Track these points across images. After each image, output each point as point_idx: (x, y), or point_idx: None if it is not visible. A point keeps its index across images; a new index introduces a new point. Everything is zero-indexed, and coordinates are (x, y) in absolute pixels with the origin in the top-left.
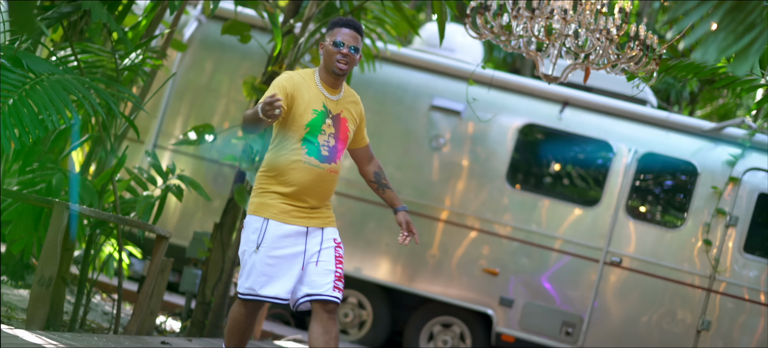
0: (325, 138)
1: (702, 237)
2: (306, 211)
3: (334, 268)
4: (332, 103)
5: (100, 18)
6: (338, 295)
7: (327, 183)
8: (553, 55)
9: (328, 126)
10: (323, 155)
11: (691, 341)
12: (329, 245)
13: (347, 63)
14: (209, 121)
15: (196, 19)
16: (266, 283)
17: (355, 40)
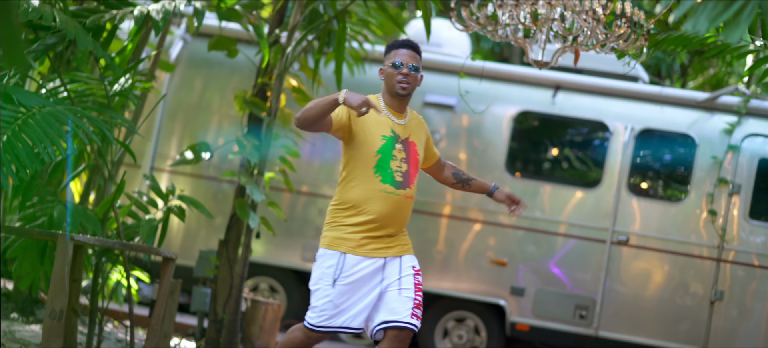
0: (398, 164)
1: (706, 208)
2: (384, 241)
3: (413, 296)
4: (400, 127)
5: (86, 46)
6: (416, 323)
7: (404, 209)
8: (541, 40)
9: (398, 151)
10: (397, 181)
11: (705, 313)
12: (408, 273)
13: (409, 83)
14: (204, 139)
15: (181, 38)
16: (340, 314)
17: (413, 59)
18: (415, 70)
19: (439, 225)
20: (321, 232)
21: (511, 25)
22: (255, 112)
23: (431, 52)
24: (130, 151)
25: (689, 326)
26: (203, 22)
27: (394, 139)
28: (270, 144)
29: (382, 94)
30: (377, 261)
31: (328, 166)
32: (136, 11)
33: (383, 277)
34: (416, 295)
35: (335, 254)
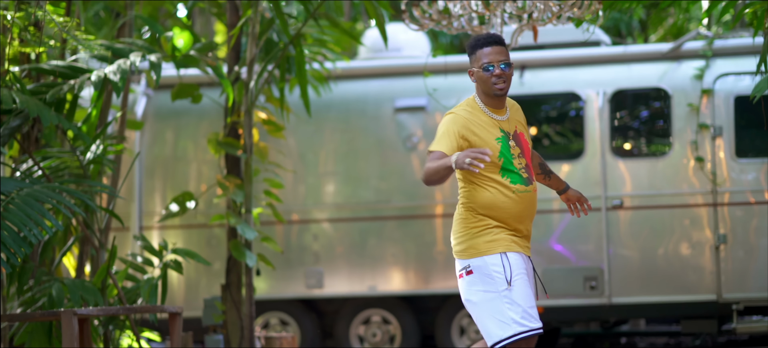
0: (518, 160)
1: (693, 156)
2: (523, 240)
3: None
4: (505, 123)
5: (51, 121)
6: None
7: (534, 204)
8: (497, 24)
9: (513, 147)
10: (524, 178)
11: (712, 259)
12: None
13: (505, 81)
14: (186, 189)
15: (143, 94)
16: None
17: (501, 54)
18: (507, 66)
19: (435, 226)
20: (319, 257)
21: (464, 15)
22: (231, 152)
23: (392, 57)
24: (116, 215)
25: (698, 276)
26: (162, 73)
27: (506, 137)
28: (252, 180)
29: (476, 94)
30: (526, 257)
31: (314, 190)
32: (94, 77)
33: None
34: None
35: (496, 257)
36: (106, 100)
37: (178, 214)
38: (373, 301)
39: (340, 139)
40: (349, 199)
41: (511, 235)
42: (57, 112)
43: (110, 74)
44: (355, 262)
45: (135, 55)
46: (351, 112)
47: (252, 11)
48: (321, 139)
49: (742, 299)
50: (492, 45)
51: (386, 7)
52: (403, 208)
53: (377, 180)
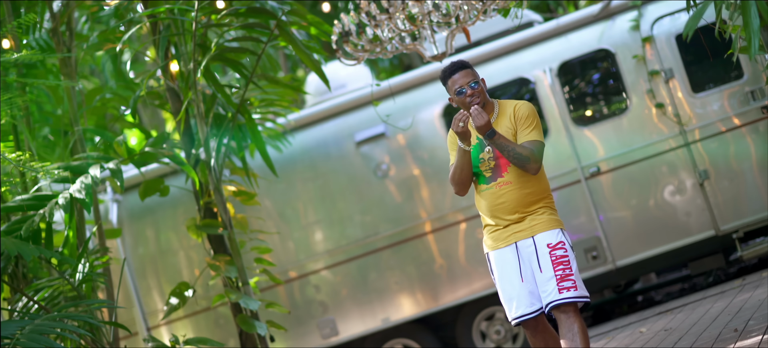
0: (486, 164)
1: (652, 104)
2: (509, 230)
3: (553, 274)
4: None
5: (33, 254)
6: (566, 296)
7: (504, 196)
8: (429, 36)
9: (486, 153)
10: (487, 177)
11: (701, 196)
12: (543, 252)
13: (479, 98)
14: (180, 279)
15: (113, 201)
16: (519, 302)
17: (469, 75)
18: (475, 83)
19: (428, 243)
20: (327, 306)
21: (394, 37)
22: (212, 232)
23: (338, 96)
24: (121, 325)
25: (692, 216)
26: (124, 175)
27: (480, 146)
28: (240, 253)
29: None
30: (509, 248)
31: (303, 243)
32: (61, 200)
33: (519, 262)
34: (556, 270)
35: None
36: (79, 219)
37: (180, 305)
38: (390, 333)
39: (313, 187)
40: (339, 242)
41: (494, 231)
42: (35, 244)
43: (76, 193)
44: (363, 300)
45: (94, 168)
46: (315, 158)
47: (192, 93)
48: (294, 192)
49: (739, 226)
50: (458, 71)
51: (319, 50)
52: (393, 235)
53: (360, 215)
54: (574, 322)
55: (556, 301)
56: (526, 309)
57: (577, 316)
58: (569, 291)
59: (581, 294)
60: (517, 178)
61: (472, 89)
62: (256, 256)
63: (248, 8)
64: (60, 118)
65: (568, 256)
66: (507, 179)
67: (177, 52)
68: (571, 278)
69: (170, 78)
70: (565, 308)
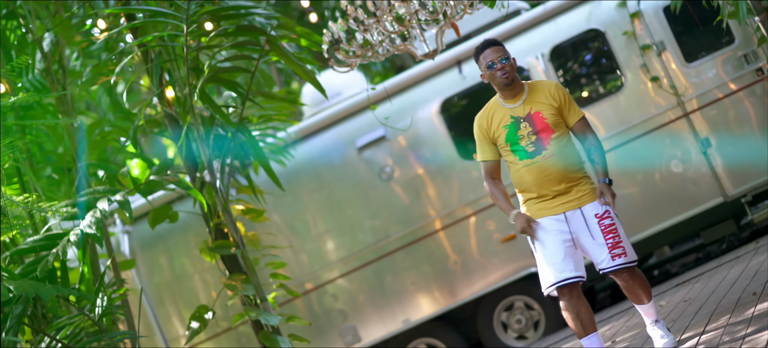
0: (526, 139)
1: (647, 79)
2: (556, 201)
3: (603, 241)
4: (519, 109)
5: (50, 294)
6: (618, 262)
7: (549, 168)
8: (418, 35)
9: (524, 128)
10: (529, 152)
11: (706, 164)
12: (592, 222)
13: (508, 72)
14: (198, 302)
15: (123, 232)
16: (561, 268)
17: (500, 51)
18: (505, 60)
19: (439, 240)
20: (346, 313)
21: (384, 39)
22: (225, 253)
23: (335, 104)
24: None
25: (699, 185)
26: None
27: (516, 123)
28: (254, 270)
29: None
30: (557, 217)
31: (316, 254)
32: (72, 237)
33: (570, 230)
34: (607, 238)
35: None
36: (92, 254)
37: (201, 328)
38: (412, 333)
39: (320, 197)
40: (351, 249)
41: (539, 203)
42: (51, 284)
43: (86, 229)
44: (381, 304)
45: (101, 202)
46: (319, 168)
47: (190, 117)
48: (302, 204)
49: (747, 190)
50: (489, 47)
51: (311, 61)
52: (404, 236)
53: (370, 220)
54: (633, 282)
55: (611, 267)
56: (568, 274)
57: (633, 275)
58: (621, 257)
59: (631, 258)
60: (560, 150)
61: (502, 64)
62: (271, 272)
63: (237, 27)
64: (62, 156)
65: (615, 224)
66: (551, 152)
67: (171, 78)
68: (620, 246)
69: (167, 104)
70: (619, 272)
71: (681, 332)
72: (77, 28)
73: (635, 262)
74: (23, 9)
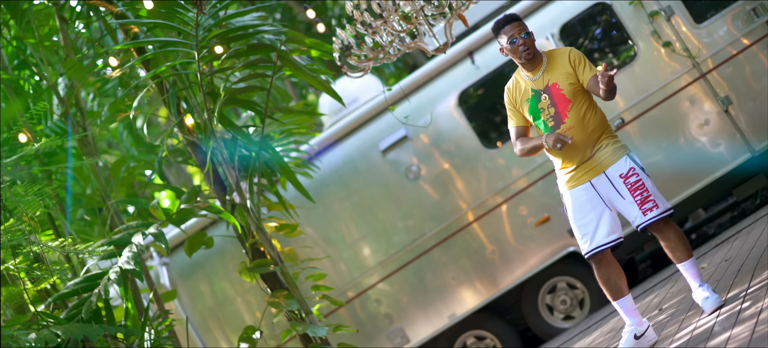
0: (546, 112)
1: (659, 45)
2: (581, 170)
3: (633, 200)
4: (538, 81)
5: (98, 334)
6: (651, 216)
7: (574, 135)
8: (427, 31)
9: (544, 101)
10: (550, 126)
11: (728, 124)
12: (619, 183)
13: (529, 47)
14: (244, 324)
15: (161, 264)
16: (591, 237)
17: (521, 26)
18: (526, 34)
19: (474, 232)
20: (392, 316)
21: (394, 39)
22: (264, 272)
23: (353, 110)
24: None
25: (725, 143)
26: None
27: (536, 96)
28: (296, 285)
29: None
30: (585, 186)
31: (354, 262)
32: (112, 275)
33: (600, 196)
34: (635, 195)
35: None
36: (133, 289)
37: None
38: (460, 328)
39: (350, 204)
40: (388, 252)
41: (568, 173)
42: (97, 324)
43: (125, 265)
44: (425, 302)
45: (136, 237)
46: (345, 176)
47: (213, 141)
48: (333, 214)
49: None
50: (510, 23)
51: (325, 71)
52: (439, 232)
53: (403, 221)
54: (669, 233)
55: (644, 222)
56: (596, 243)
57: (669, 226)
58: (653, 211)
59: (663, 209)
60: (578, 120)
61: (523, 39)
62: (312, 284)
63: (247, 47)
64: (91, 197)
65: (641, 179)
66: (569, 124)
67: (188, 105)
68: (650, 200)
69: (188, 132)
70: (655, 225)
71: (726, 291)
72: (89, 69)
73: (669, 211)
74: (34, 57)
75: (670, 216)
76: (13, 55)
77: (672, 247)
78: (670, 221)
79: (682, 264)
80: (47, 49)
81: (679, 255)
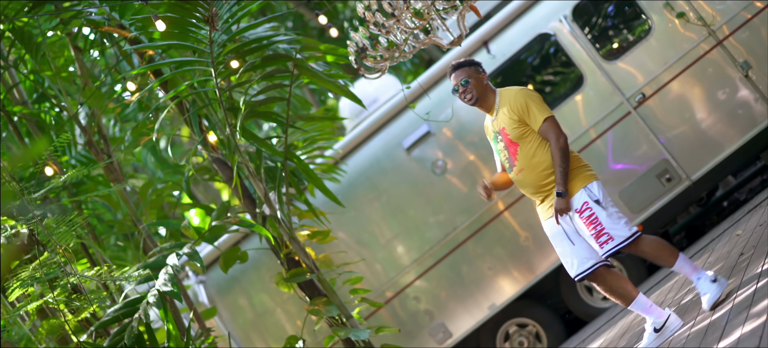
0: (504, 153)
1: (674, 16)
2: (545, 205)
3: (590, 234)
4: (495, 122)
5: None
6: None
7: (525, 180)
8: (440, 25)
9: (500, 143)
10: (508, 167)
11: (749, 88)
12: (576, 218)
13: (469, 95)
14: (286, 334)
15: (198, 283)
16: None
17: (461, 75)
18: (466, 82)
19: (506, 220)
20: (432, 312)
21: (408, 37)
22: (301, 280)
23: (374, 111)
24: None
25: (748, 107)
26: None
27: (496, 137)
28: (334, 290)
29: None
30: (550, 220)
31: (389, 262)
32: (151, 298)
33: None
34: (590, 229)
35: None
36: (173, 310)
37: None
38: (501, 317)
39: (380, 205)
40: (422, 249)
41: (538, 207)
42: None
43: (162, 288)
44: (464, 295)
45: (171, 258)
46: (372, 177)
47: (237, 156)
48: (364, 216)
49: None
50: (452, 73)
51: (342, 75)
52: (470, 225)
53: (434, 216)
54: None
55: (605, 254)
56: (583, 266)
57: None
58: (608, 244)
59: (619, 240)
60: (527, 162)
61: (463, 87)
62: (350, 288)
63: (263, 58)
64: (122, 223)
65: (594, 213)
66: (519, 166)
67: (210, 122)
68: (604, 233)
69: (212, 149)
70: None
71: (764, 256)
72: (108, 95)
73: (625, 242)
74: (52, 89)
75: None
76: (32, 89)
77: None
78: (636, 243)
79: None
80: (65, 79)
81: (664, 263)
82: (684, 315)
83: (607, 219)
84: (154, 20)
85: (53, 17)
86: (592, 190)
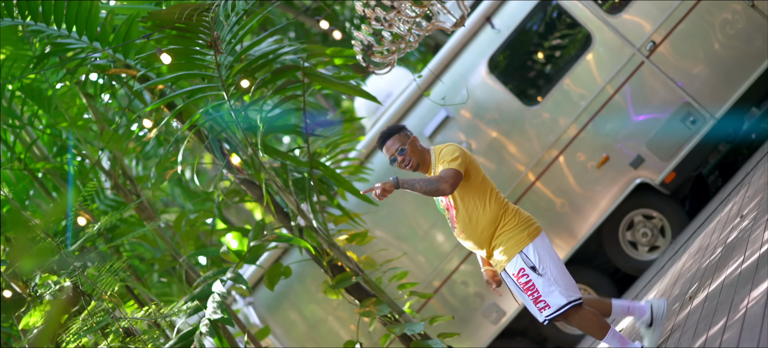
0: (446, 214)
1: None
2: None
3: (528, 299)
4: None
5: None
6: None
7: (466, 241)
8: (441, 9)
9: (440, 202)
10: (452, 227)
11: (758, 15)
12: (513, 283)
13: (410, 161)
14: (343, 341)
15: (246, 305)
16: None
17: (393, 146)
18: (402, 152)
19: (539, 190)
20: (482, 294)
21: (411, 27)
22: (347, 285)
23: (390, 106)
24: None
25: (761, 37)
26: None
27: (437, 202)
28: (382, 289)
29: None
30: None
31: (431, 252)
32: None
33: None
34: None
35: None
36: (227, 336)
37: None
38: None
39: (412, 197)
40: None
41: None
42: None
43: (212, 316)
44: None
45: (216, 285)
46: (399, 171)
47: (264, 174)
48: (398, 211)
49: None
50: (382, 143)
51: (353, 76)
52: None
53: None
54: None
55: (544, 321)
56: (542, 317)
57: (571, 318)
58: (545, 310)
59: (556, 308)
60: (466, 224)
61: (401, 156)
62: (397, 284)
63: (272, 73)
64: (162, 259)
65: (530, 280)
66: (459, 228)
67: (230, 145)
68: (541, 300)
69: (237, 171)
70: (555, 320)
71: None
72: (127, 136)
73: (562, 309)
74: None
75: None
76: (51, 143)
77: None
78: (570, 313)
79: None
80: (81, 128)
81: (594, 337)
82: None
83: (543, 286)
84: (158, 55)
85: (59, 69)
86: (528, 256)
